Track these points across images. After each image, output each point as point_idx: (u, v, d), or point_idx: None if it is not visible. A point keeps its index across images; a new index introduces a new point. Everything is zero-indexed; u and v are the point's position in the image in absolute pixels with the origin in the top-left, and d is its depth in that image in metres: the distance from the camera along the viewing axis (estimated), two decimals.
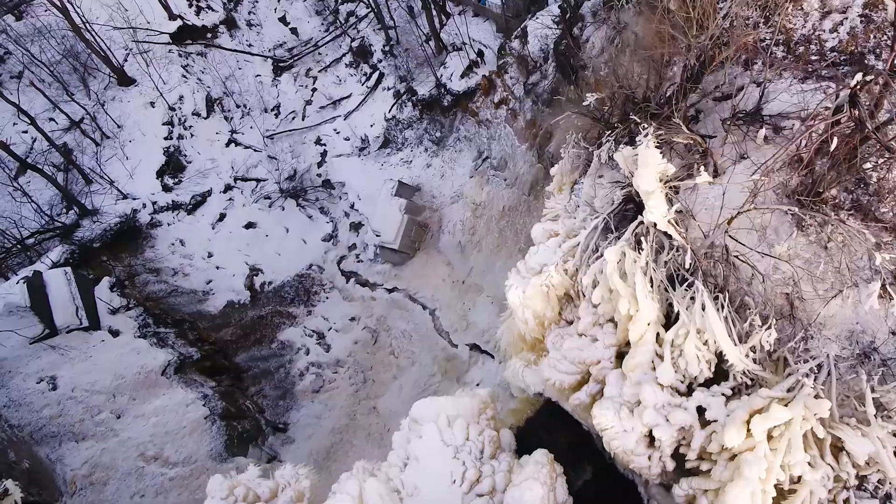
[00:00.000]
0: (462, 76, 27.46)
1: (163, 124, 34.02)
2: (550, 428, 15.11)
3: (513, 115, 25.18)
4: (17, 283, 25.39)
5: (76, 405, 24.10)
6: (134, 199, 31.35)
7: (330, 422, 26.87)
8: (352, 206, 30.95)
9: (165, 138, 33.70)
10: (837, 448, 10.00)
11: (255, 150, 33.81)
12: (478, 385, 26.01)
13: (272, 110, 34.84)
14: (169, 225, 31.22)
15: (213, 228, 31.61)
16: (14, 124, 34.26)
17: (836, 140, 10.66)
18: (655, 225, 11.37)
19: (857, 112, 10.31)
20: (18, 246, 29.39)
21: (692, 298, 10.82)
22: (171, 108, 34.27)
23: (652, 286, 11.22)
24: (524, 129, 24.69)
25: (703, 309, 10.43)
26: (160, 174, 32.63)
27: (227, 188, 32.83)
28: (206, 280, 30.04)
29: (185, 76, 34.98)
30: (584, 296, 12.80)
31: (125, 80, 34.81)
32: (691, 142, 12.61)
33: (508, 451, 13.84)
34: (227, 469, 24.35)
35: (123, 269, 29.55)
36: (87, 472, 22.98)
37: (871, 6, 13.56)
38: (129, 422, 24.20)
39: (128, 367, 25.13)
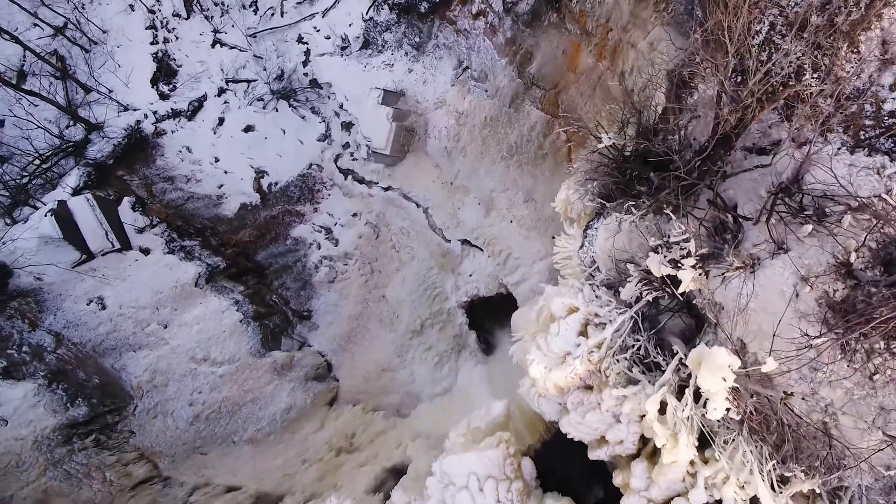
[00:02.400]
0: None
1: (146, 28, 30.49)
2: (565, 455, 14.74)
3: (492, 29, 22.54)
4: (45, 215, 24.50)
5: (126, 320, 24.52)
6: (134, 110, 29.13)
7: (346, 309, 27.64)
8: (341, 107, 28.86)
9: (151, 43, 30.43)
10: None
11: (240, 51, 30.64)
12: (471, 276, 26.44)
13: (250, 6, 30.86)
14: (173, 133, 29.35)
15: (214, 133, 29.75)
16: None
17: None
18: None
19: None
20: (40, 167, 27.78)
21: (731, 441, 9.97)
22: (151, 11, 30.46)
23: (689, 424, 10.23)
24: (504, 46, 22.28)
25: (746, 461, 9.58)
26: (154, 82, 29.96)
27: (221, 91, 30.32)
28: (217, 185, 28.95)
29: None
30: (608, 379, 11.92)
31: None
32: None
33: (533, 489, 14.14)
34: (267, 363, 25.83)
35: (140, 181, 28.33)
36: (148, 377, 24.04)
37: None
38: (176, 331, 24.81)
39: (163, 283, 25.17)
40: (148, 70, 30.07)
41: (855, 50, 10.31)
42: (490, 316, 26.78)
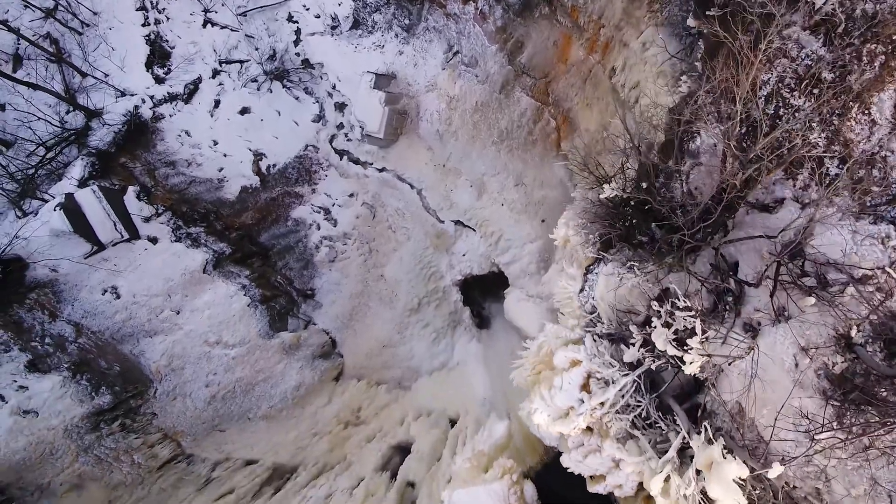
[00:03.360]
0: None
1: (136, 10, 29.40)
2: (566, 481, 14.30)
3: (482, 16, 21.64)
4: (54, 209, 24.58)
5: (140, 308, 24.99)
6: (132, 95, 28.52)
7: (348, 288, 27.98)
8: (333, 87, 28.19)
9: (143, 25, 29.41)
10: None
11: (231, 30, 29.63)
12: (464, 256, 26.59)
13: None
14: (171, 117, 28.82)
15: (211, 116, 29.22)
16: None
17: None
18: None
19: None
20: (45, 156, 27.50)
21: None
22: None
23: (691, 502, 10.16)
24: (494, 33, 21.45)
25: None
26: (149, 65, 29.18)
27: (215, 73, 29.56)
28: (217, 168, 28.72)
29: None
30: (609, 430, 11.94)
31: None
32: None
33: None
34: (276, 344, 26.46)
35: (143, 167, 28.11)
36: (165, 361, 24.73)
37: None
38: (188, 316, 25.32)
39: (173, 270, 25.48)
40: (142, 53, 29.25)
41: (865, 111, 9.58)
42: (484, 292, 27.29)
